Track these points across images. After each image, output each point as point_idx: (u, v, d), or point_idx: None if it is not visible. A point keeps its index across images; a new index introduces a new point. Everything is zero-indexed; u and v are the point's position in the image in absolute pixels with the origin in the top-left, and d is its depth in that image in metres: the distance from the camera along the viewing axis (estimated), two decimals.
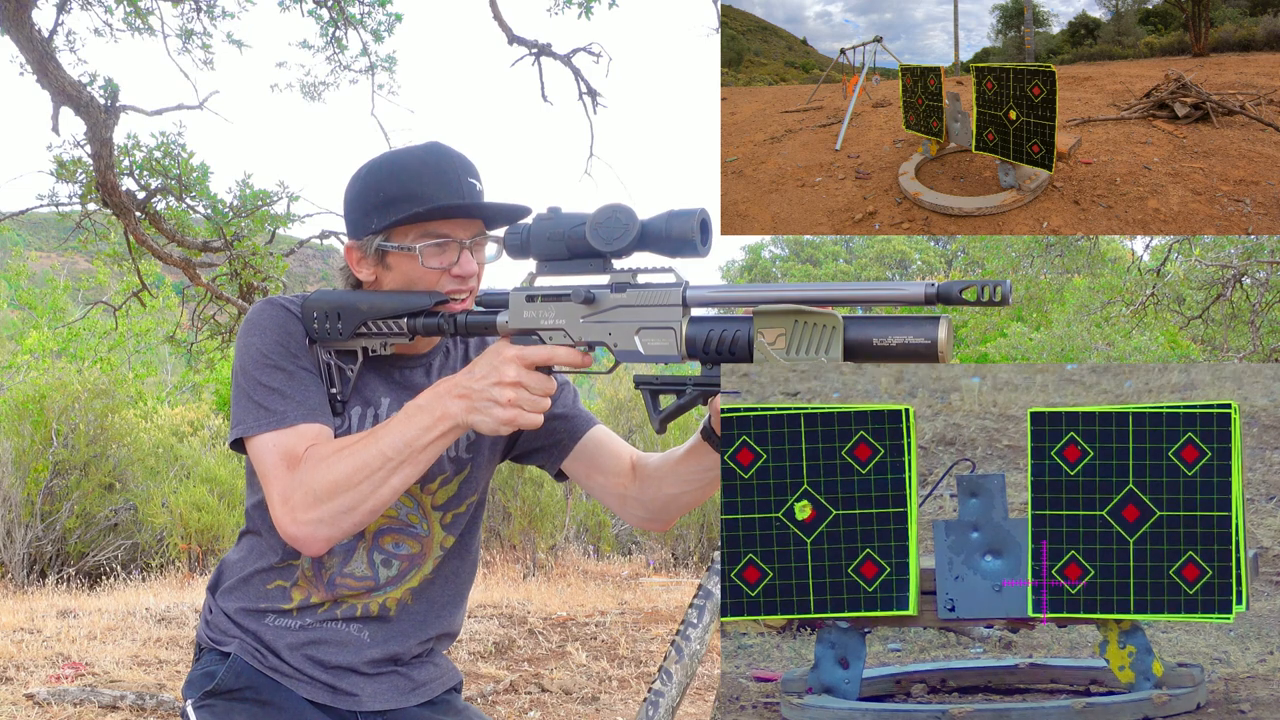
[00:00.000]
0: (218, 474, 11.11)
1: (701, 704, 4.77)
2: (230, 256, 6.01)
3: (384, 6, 6.32)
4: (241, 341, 1.58)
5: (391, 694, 1.67)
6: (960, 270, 22.53)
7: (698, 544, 10.60)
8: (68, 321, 16.25)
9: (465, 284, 1.57)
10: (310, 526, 1.46)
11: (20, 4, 4.89)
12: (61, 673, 5.01)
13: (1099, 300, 11.08)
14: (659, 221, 1.36)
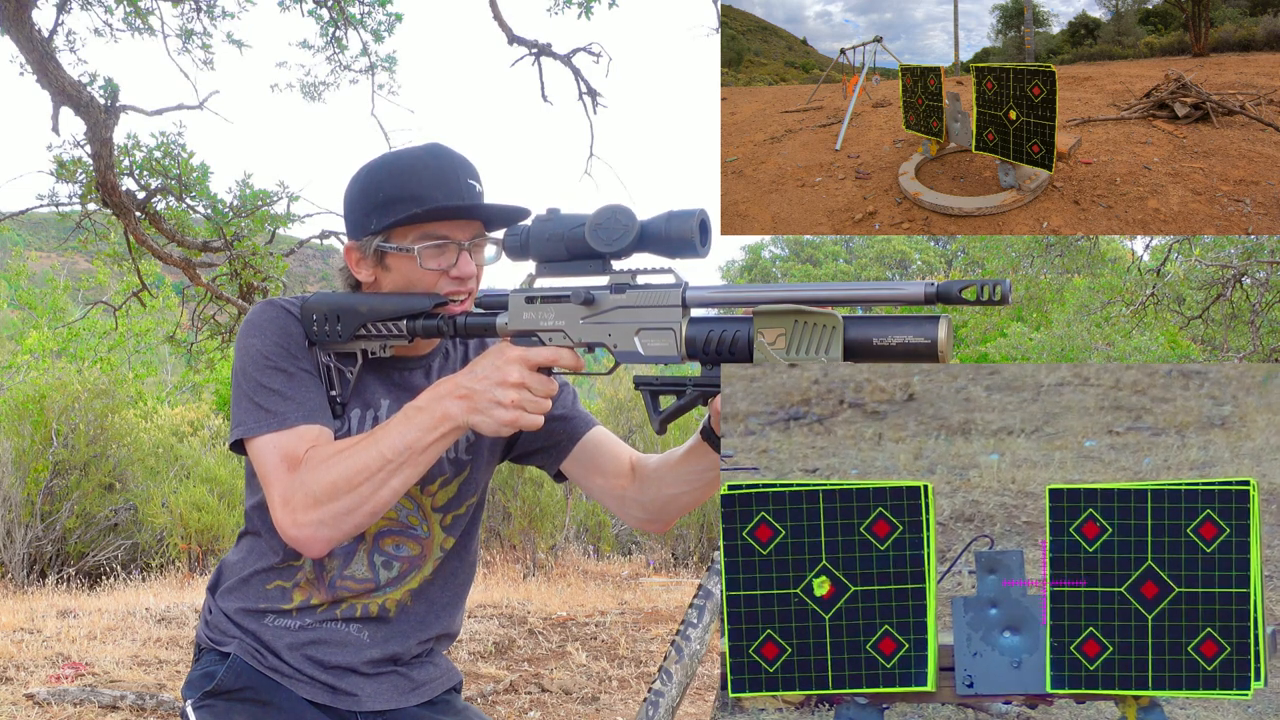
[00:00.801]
0: (218, 474, 11.11)
1: (701, 704, 4.77)
2: (230, 256, 6.01)
3: (384, 6, 6.32)
4: (241, 343, 1.58)
5: (391, 694, 1.67)
6: (960, 270, 22.53)
7: (698, 544, 10.60)
8: (68, 321, 16.25)
9: (464, 285, 1.56)
10: (311, 528, 1.46)
11: (20, 4, 4.89)
12: (61, 673, 5.01)
13: (1099, 300, 11.08)
14: (658, 222, 1.36)
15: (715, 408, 1.43)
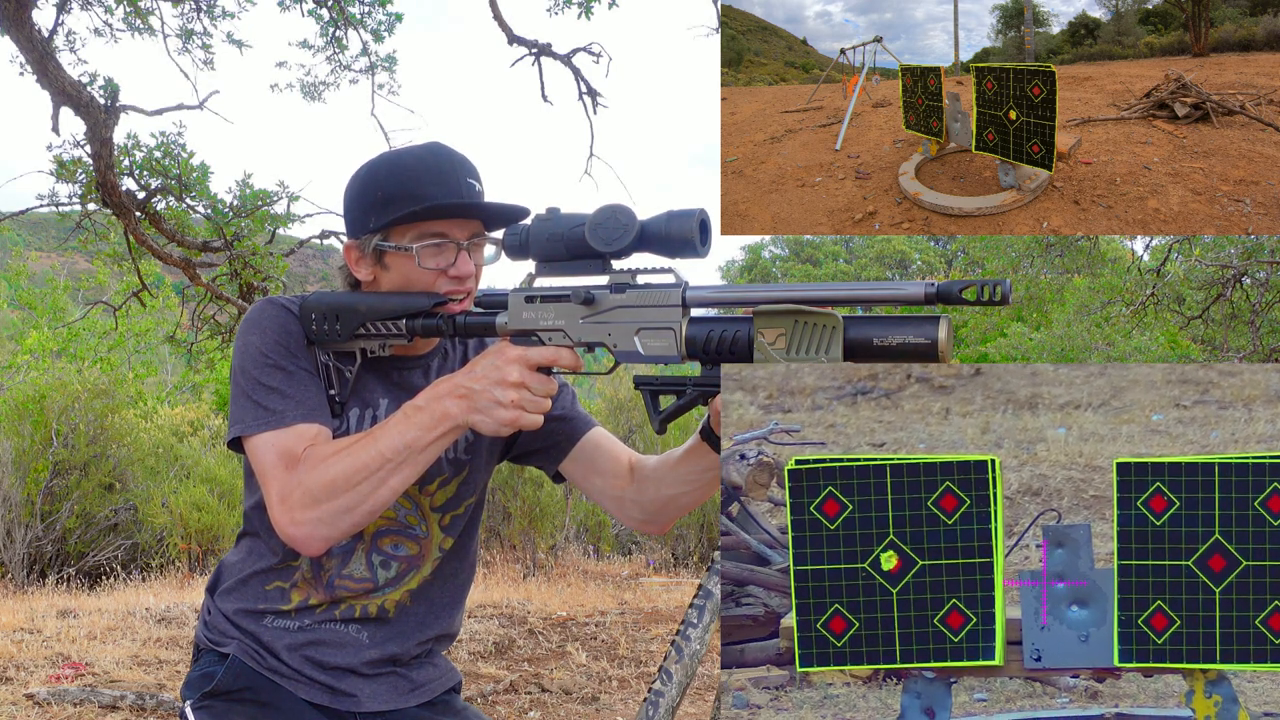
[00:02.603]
0: (218, 474, 11.11)
1: (701, 704, 4.76)
2: (230, 256, 6.00)
3: (384, 6, 6.32)
4: (241, 341, 1.58)
5: (390, 695, 1.66)
6: (960, 270, 22.51)
7: (698, 544, 10.59)
8: (68, 321, 16.25)
9: (462, 285, 1.56)
10: (308, 527, 1.46)
11: (20, 4, 4.89)
12: (61, 673, 5.01)
13: (1099, 300, 11.08)
14: (658, 222, 1.36)
15: (715, 408, 1.43)
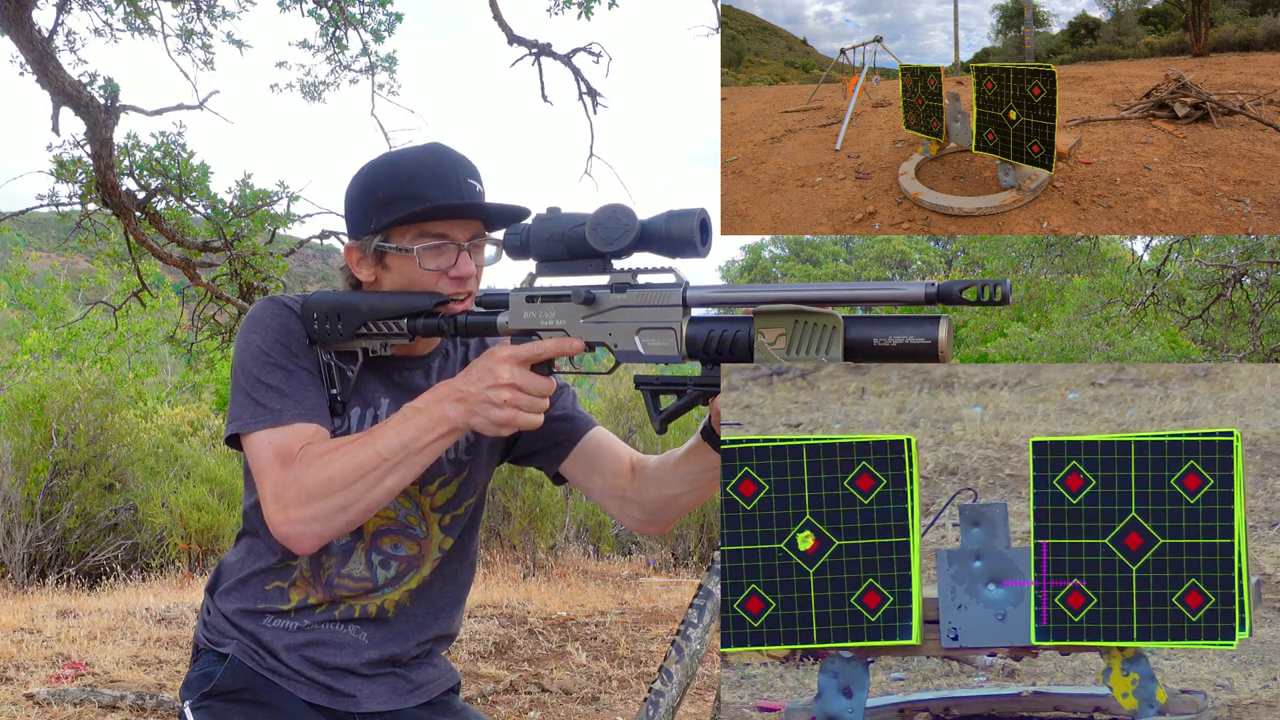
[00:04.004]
0: (218, 474, 11.11)
1: (701, 704, 4.76)
2: (230, 256, 6.00)
3: (384, 6, 6.32)
4: (242, 339, 1.58)
5: (389, 695, 1.66)
6: (960, 270, 22.51)
7: (698, 544, 10.60)
8: (68, 321, 16.25)
9: (463, 286, 1.56)
10: (302, 524, 1.46)
11: (20, 4, 4.89)
12: (61, 673, 5.00)
13: (1099, 300, 11.07)
14: (659, 222, 1.36)
15: (715, 407, 1.43)
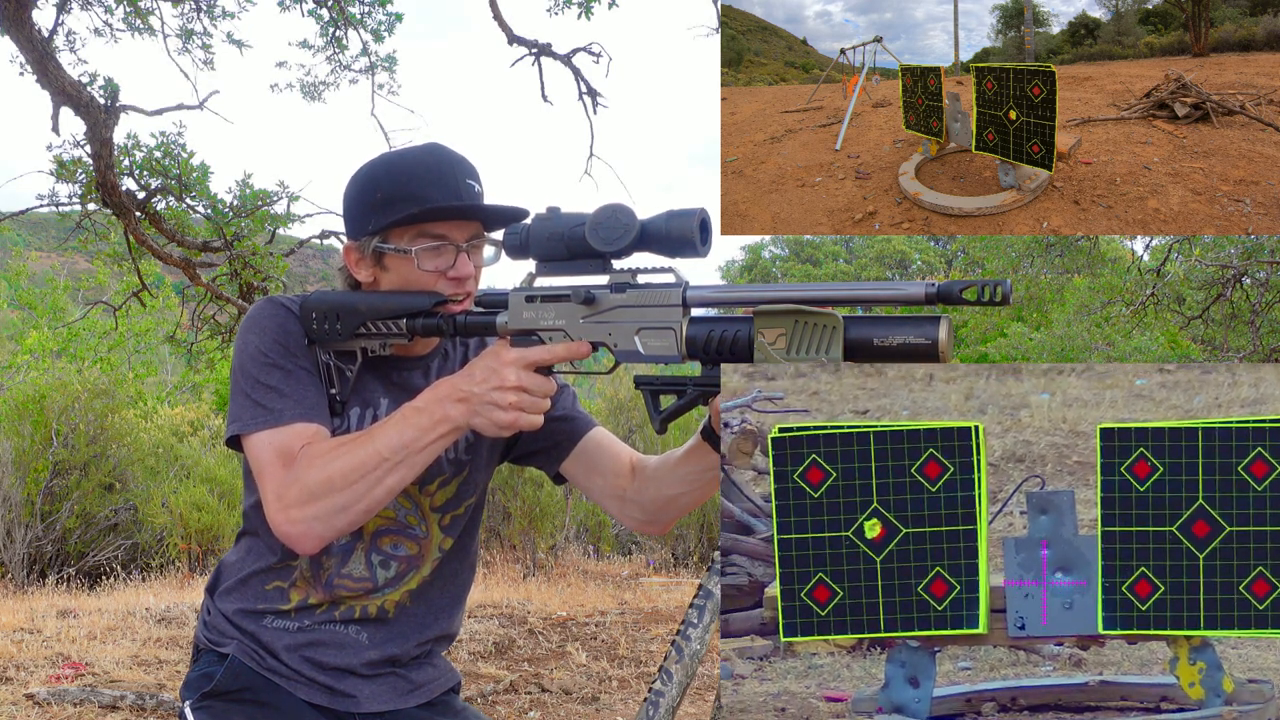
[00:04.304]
0: (218, 474, 11.11)
1: (701, 704, 4.76)
2: (230, 256, 6.00)
3: (384, 6, 6.32)
4: (241, 339, 1.58)
5: (389, 695, 1.66)
6: (960, 270, 22.50)
7: (698, 544, 10.59)
8: (68, 321, 16.25)
9: (462, 286, 1.56)
10: (303, 524, 1.46)
11: (20, 4, 4.88)
12: (61, 673, 5.00)
13: (1099, 300, 11.06)
14: (658, 222, 1.36)
15: (715, 407, 1.43)
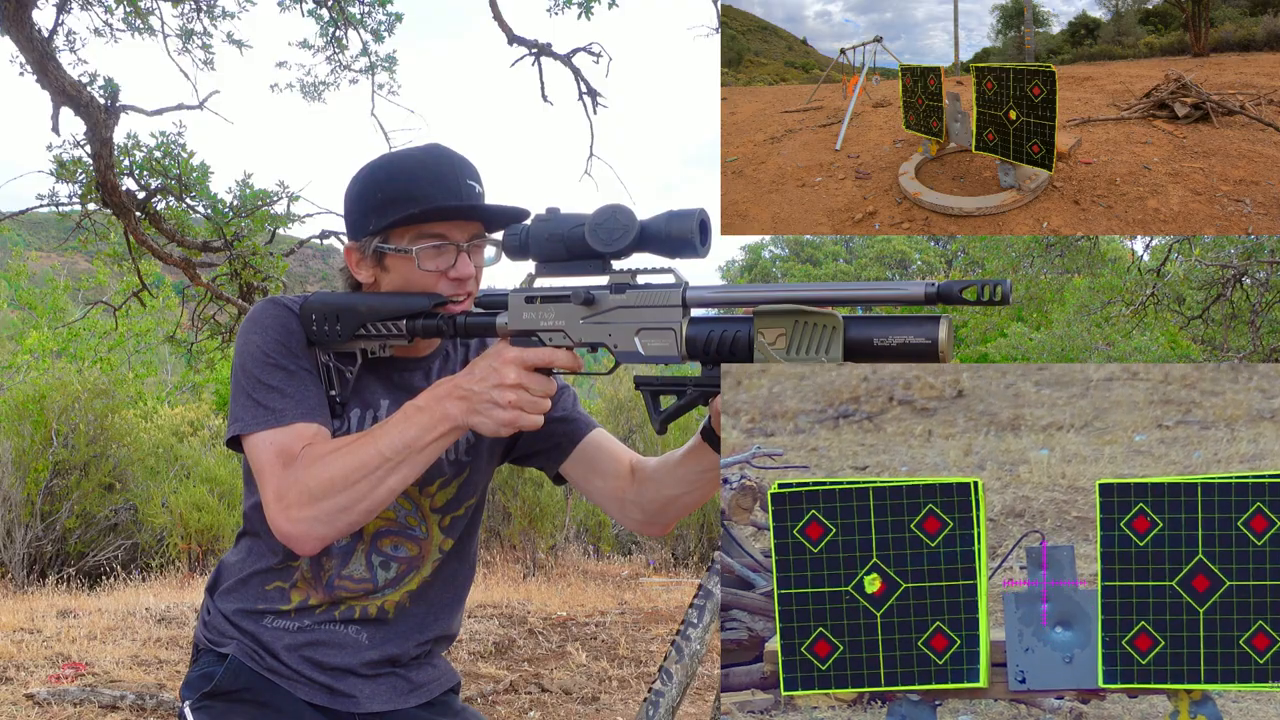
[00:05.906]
0: (218, 474, 11.12)
1: (701, 704, 4.76)
2: (230, 256, 6.00)
3: (384, 6, 6.32)
4: (242, 339, 1.58)
5: (389, 695, 1.66)
6: (960, 270, 22.50)
7: (698, 544, 10.60)
8: (68, 321, 16.24)
9: (462, 287, 1.56)
10: (305, 525, 1.45)
11: (20, 4, 4.89)
12: (61, 673, 5.01)
13: (1099, 300, 11.07)
14: (658, 222, 1.36)
15: (715, 408, 1.43)
